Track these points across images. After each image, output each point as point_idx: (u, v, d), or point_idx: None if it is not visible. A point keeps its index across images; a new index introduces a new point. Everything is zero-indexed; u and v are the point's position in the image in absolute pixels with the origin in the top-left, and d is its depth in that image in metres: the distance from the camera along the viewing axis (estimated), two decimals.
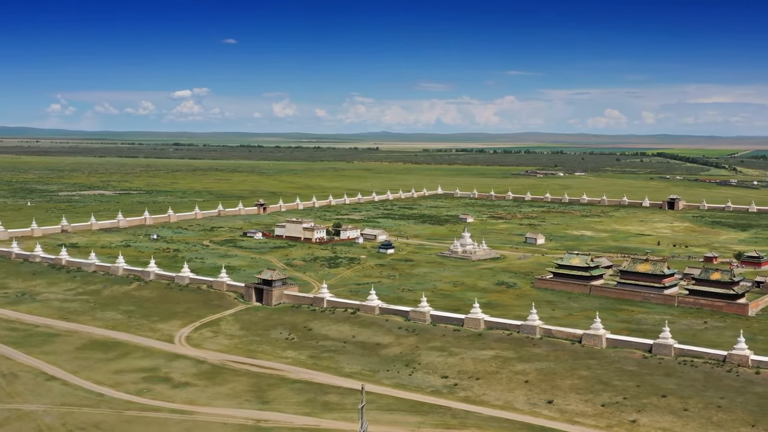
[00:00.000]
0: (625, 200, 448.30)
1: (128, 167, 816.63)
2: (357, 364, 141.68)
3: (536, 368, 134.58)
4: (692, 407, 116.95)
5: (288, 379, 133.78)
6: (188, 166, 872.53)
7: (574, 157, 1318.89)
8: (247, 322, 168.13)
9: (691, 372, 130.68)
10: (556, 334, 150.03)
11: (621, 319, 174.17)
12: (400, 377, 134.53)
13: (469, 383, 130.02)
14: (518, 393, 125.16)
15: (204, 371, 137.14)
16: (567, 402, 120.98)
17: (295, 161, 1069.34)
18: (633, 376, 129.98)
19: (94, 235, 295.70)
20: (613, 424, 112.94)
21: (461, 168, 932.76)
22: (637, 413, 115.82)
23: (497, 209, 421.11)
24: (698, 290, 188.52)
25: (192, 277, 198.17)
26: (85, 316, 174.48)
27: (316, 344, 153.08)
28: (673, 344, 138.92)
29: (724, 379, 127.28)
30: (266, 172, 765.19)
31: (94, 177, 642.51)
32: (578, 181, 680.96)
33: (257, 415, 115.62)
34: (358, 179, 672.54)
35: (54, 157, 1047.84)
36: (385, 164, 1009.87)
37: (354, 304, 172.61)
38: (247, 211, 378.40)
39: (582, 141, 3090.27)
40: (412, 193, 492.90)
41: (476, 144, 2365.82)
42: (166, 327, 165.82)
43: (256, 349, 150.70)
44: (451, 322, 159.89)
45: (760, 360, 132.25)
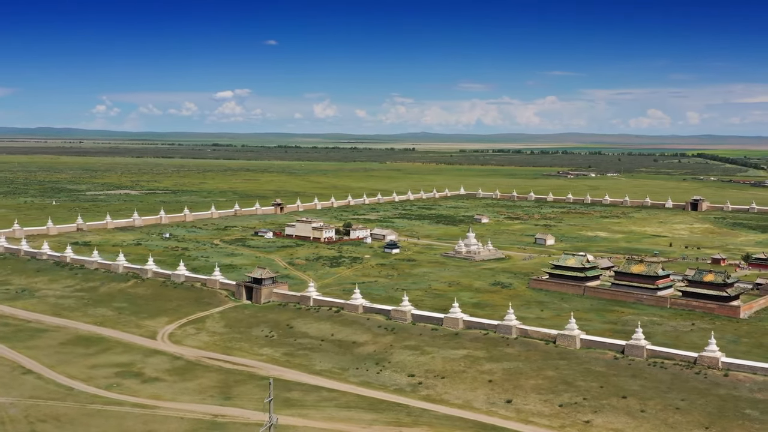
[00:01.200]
0: (647, 201, 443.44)
1: (161, 167, 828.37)
2: (329, 361, 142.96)
3: (504, 368, 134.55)
4: (650, 409, 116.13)
5: (257, 375, 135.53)
6: (220, 166, 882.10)
7: (611, 158, 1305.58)
8: (232, 320, 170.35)
9: (658, 373, 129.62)
10: (532, 334, 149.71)
11: (608, 321, 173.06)
12: (368, 375, 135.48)
13: (433, 382, 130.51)
14: (480, 392, 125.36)
15: (177, 367, 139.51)
16: (526, 402, 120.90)
17: (329, 161, 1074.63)
18: (599, 376, 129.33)
19: (108, 233, 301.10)
20: (566, 425, 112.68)
21: (493, 169, 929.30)
22: (593, 414, 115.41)
23: (516, 210, 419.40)
24: (691, 292, 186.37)
25: (187, 275, 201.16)
26: (77, 312, 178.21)
27: (294, 342, 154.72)
28: (645, 345, 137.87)
29: (691, 381, 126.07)
30: (296, 173, 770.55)
31: (125, 177, 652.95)
32: (608, 182, 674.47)
33: (216, 411, 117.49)
34: (387, 180, 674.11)
35: (91, 158, 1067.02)
36: (417, 165, 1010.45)
37: (338, 302, 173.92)
38: (264, 211, 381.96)
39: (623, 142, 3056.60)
40: (434, 194, 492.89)
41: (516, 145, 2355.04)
42: (152, 324, 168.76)
43: (234, 346, 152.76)
44: (431, 321, 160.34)
45: (730, 362, 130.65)
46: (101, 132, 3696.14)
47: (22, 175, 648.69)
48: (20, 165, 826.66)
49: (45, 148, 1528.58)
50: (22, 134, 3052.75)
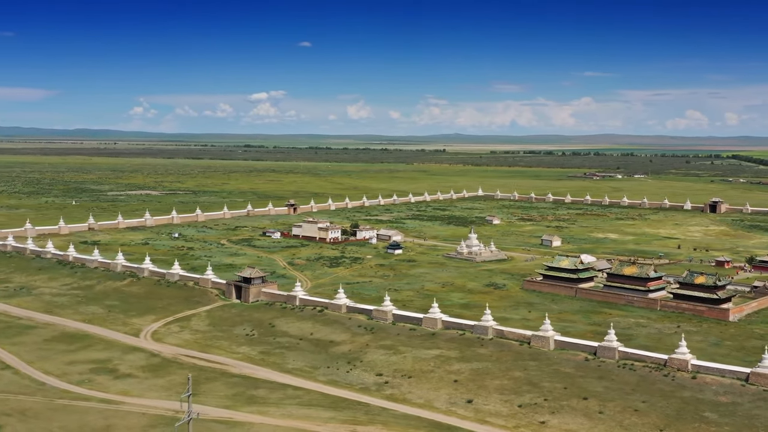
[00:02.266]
0: (666, 203, 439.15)
1: (188, 168, 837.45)
2: (302, 360, 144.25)
3: (472, 368, 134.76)
4: (609, 410, 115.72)
5: (228, 373, 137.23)
6: (247, 167, 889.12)
7: (643, 160, 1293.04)
8: (217, 318, 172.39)
9: (626, 375, 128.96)
10: (507, 335, 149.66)
11: (593, 322, 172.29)
12: (337, 374, 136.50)
13: (399, 381, 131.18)
14: (443, 392, 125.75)
15: (152, 364, 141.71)
16: (486, 402, 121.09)
17: (356, 163, 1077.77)
18: (565, 378, 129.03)
19: (119, 233, 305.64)
20: (521, 425, 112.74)
21: (520, 170, 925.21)
22: (550, 414, 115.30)
23: (532, 211, 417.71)
24: (681, 294, 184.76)
25: (181, 273, 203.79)
26: (69, 309, 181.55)
27: (273, 341, 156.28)
28: (617, 347, 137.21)
29: (657, 383, 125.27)
30: (321, 174, 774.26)
31: (150, 178, 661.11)
32: (632, 184, 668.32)
33: (179, 407, 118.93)
34: (409, 181, 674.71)
35: (122, 159, 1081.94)
36: (444, 166, 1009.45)
37: (323, 302, 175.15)
38: (277, 212, 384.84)
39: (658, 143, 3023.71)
40: (451, 195, 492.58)
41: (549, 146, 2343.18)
42: (139, 321, 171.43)
43: (213, 345, 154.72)
44: (411, 321, 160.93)
45: (700, 365, 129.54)
46: (138, 133, 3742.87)
47: (50, 176, 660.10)
48: (51, 166, 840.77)
49: (80, 149, 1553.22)
50: (61, 135, 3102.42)
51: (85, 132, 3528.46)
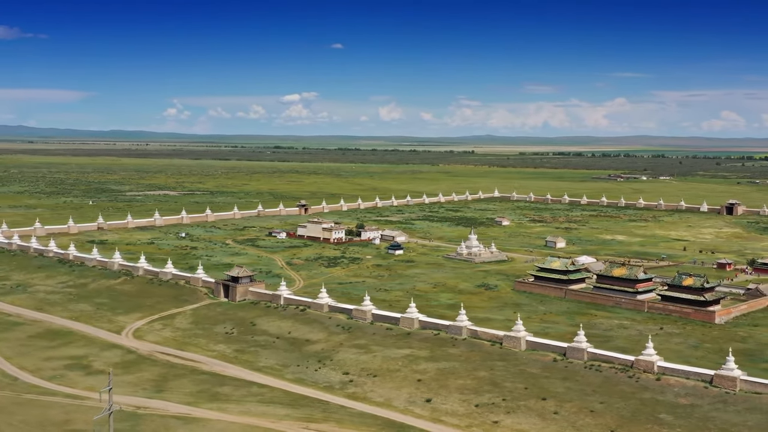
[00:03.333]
0: (682, 205, 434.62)
1: (213, 169, 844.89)
2: (274, 358, 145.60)
3: (438, 368, 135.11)
4: (565, 411, 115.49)
5: (198, 370, 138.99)
6: (271, 168, 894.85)
7: (673, 161, 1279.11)
8: (201, 317, 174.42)
9: (590, 376, 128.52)
10: (481, 335, 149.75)
11: (576, 324, 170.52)
12: (305, 372, 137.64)
13: (364, 380, 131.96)
14: (404, 391, 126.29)
15: (126, 360, 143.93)
16: (444, 401, 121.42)
17: (383, 164, 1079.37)
18: (529, 378, 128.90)
19: (127, 232, 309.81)
20: (474, 424, 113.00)
21: (544, 171, 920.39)
22: (505, 414, 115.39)
23: (545, 212, 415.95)
24: (669, 296, 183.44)
25: (174, 272, 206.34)
26: (59, 307, 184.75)
27: (250, 339, 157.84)
28: (586, 348, 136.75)
29: (620, 384, 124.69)
30: (343, 175, 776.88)
31: (173, 178, 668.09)
32: (655, 186, 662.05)
33: (142, 402, 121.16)
34: (430, 182, 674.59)
35: (150, 159, 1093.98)
36: (469, 167, 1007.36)
37: (306, 301, 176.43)
38: (288, 212, 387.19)
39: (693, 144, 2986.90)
40: (466, 196, 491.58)
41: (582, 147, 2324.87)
42: (124, 319, 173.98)
43: (190, 342, 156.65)
44: (389, 321, 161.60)
45: (666, 366, 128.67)
46: (171, 134, 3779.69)
47: (74, 176, 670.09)
48: (78, 166, 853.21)
49: (111, 150, 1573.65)
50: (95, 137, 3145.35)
51: (119, 133, 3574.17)
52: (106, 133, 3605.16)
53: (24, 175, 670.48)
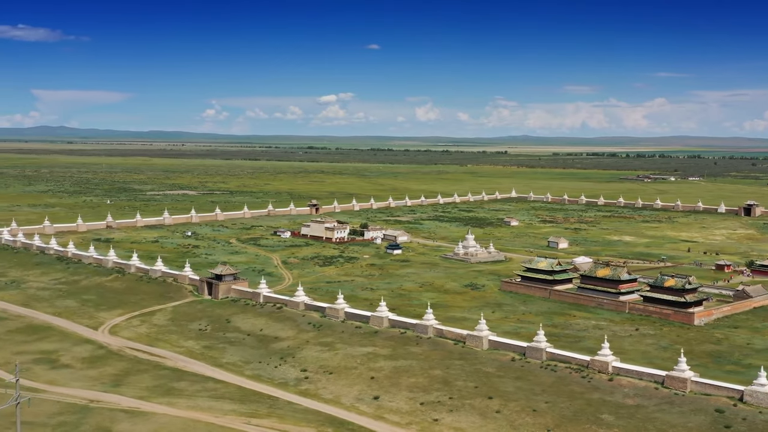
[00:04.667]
0: (699, 206, 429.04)
1: (240, 169, 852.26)
2: (239, 355, 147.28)
3: (395, 366, 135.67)
4: (507, 410, 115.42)
5: (161, 365, 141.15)
6: (299, 168, 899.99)
7: (707, 162, 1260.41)
8: (180, 314, 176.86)
9: (544, 376, 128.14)
10: (446, 334, 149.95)
11: (553, 324, 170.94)
12: (264, 369, 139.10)
13: (319, 377, 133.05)
14: (355, 388, 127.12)
15: (94, 356, 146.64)
16: (392, 399, 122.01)
17: (413, 164, 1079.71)
18: (482, 377, 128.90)
19: (135, 231, 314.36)
20: (414, 422, 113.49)
21: (572, 172, 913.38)
22: (447, 413, 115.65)
23: (560, 213, 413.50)
24: (650, 297, 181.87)
25: (163, 270, 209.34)
26: (45, 303, 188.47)
27: (221, 336, 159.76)
28: (545, 348, 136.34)
29: (572, 384, 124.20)
30: (367, 175, 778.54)
31: (198, 178, 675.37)
32: (682, 187, 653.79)
33: (96, 396, 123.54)
34: (452, 182, 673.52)
35: (180, 159, 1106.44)
36: (498, 168, 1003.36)
37: (283, 299, 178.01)
38: (298, 211, 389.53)
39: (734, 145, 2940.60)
40: (482, 197, 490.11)
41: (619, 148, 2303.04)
42: (105, 315, 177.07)
43: (162, 338, 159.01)
44: (360, 319, 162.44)
45: (620, 367, 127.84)
46: (209, 135, 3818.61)
47: (101, 176, 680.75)
48: (108, 166, 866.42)
49: (147, 150, 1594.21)
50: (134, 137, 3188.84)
51: (158, 134, 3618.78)
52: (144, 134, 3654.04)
53: (53, 175, 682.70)
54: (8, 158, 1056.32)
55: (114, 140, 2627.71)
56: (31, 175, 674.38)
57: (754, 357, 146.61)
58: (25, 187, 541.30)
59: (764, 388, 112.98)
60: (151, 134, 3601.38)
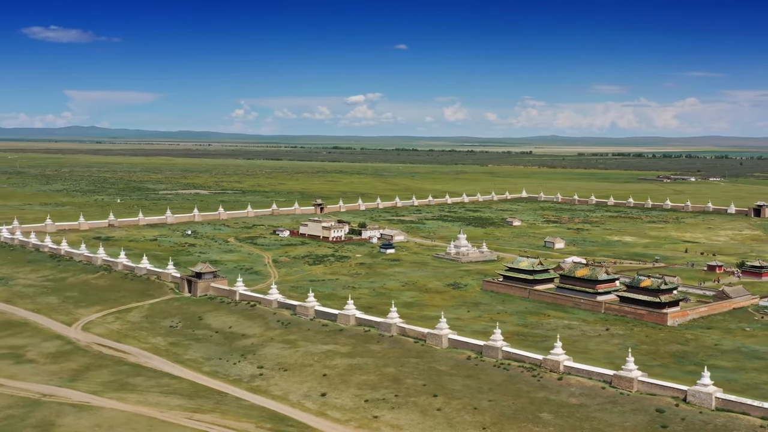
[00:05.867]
0: (709, 206, 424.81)
1: (259, 169, 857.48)
2: (202, 352, 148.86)
3: (350, 363, 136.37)
4: (448, 408, 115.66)
5: (123, 361, 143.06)
6: (319, 168, 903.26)
7: (733, 162, 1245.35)
8: (156, 311, 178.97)
9: (495, 374, 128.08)
10: (408, 332, 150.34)
11: (525, 323, 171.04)
12: (223, 365, 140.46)
13: (274, 374, 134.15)
14: (306, 385, 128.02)
15: (60, 351, 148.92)
16: (338, 396, 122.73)
17: (435, 164, 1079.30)
18: (434, 375, 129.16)
19: (136, 229, 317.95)
20: (354, 419, 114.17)
21: (592, 172, 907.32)
22: (389, 410, 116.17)
23: (567, 213, 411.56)
24: (627, 297, 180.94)
25: (149, 268, 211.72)
26: (27, 299, 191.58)
27: (190, 333, 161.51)
28: (501, 347, 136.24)
29: (520, 383, 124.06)
30: (384, 175, 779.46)
31: (215, 178, 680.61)
32: (699, 187, 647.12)
33: (51, 390, 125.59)
34: (468, 182, 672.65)
35: (202, 159, 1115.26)
36: (518, 168, 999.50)
37: (257, 297, 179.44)
38: (303, 211, 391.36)
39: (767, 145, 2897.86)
40: (491, 196, 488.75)
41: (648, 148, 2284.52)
42: (83, 312, 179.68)
43: (132, 335, 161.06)
44: (329, 317, 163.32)
45: (572, 366, 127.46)
46: (238, 135, 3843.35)
47: (118, 175, 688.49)
48: (129, 165, 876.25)
49: (174, 150, 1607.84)
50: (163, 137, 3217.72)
51: (187, 134, 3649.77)
52: (174, 134, 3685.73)
53: (72, 175, 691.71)
54: (33, 158, 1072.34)
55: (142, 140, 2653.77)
56: (50, 175, 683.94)
57: (719, 358, 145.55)
58: (41, 186, 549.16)
59: (707, 389, 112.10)
60: (180, 134, 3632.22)
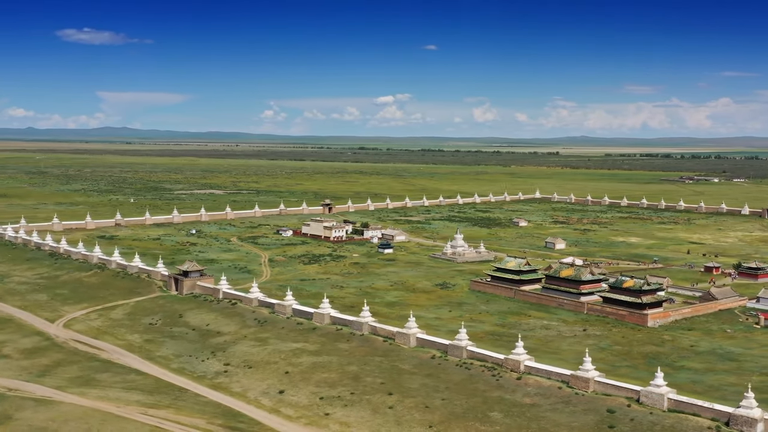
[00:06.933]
0: (723, 207, 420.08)
1: (279, 169, 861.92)
2: (174, 349, 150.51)
3: (314, 361, 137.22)
4: (401, 406, 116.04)
5: (95, 357, 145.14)
6: (339, 168, 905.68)
7: (764, 163, 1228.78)
8: (139, 308, 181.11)
9: (455, 373, 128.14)
10: (379, 331, 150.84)
11: (504, 323, 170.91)
12: (191, 362, 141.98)
13: (238, 371, 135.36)
14: (266, 383, 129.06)
15: (36, 347, 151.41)
16: (296, 394, 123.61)
17: (458, 164, 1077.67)
18: (394, 374, 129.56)
19: (141, 229, 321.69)
20: (305, 415, 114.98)
21: (615, 173, 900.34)
22: (342, 408, 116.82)
23: (576, 214, 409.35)
24: (609, 298, 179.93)
25: (140, 266, 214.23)
26: (17, 296, 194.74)
27: (167, 330, 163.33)
28: (465, 346, 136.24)
29: (478, 383, 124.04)
30: (404, 175, 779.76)
31: (233, 178, 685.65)
32: (721, 188, 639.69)
33: (18, 385, 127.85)
34: (486, 182, 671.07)
35: (225, 160, 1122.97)
36: (541, 169, 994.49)
37: (238, 295, 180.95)
38: (310, 211, 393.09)
39: None
40: (504, 197, 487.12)
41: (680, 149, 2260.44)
42: (68, 309, 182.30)
43: (110, 332, 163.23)
44: (305, 316, 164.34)
45: (532, 366, 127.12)
46: (267, 136, 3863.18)
47: (138, 175, 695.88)
48: (152, 166, 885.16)
49: (201, 150, 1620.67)
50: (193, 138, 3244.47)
51: (216, 135, 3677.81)
52: (203, 135, 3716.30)
53: (94, 175, 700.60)
54: (59, 158, 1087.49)
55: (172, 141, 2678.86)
56: (72, 175, 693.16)
57: (691, 359, 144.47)
58: (61, 186, 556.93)
59: (659, 389, 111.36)
60: (210, 135, 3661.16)
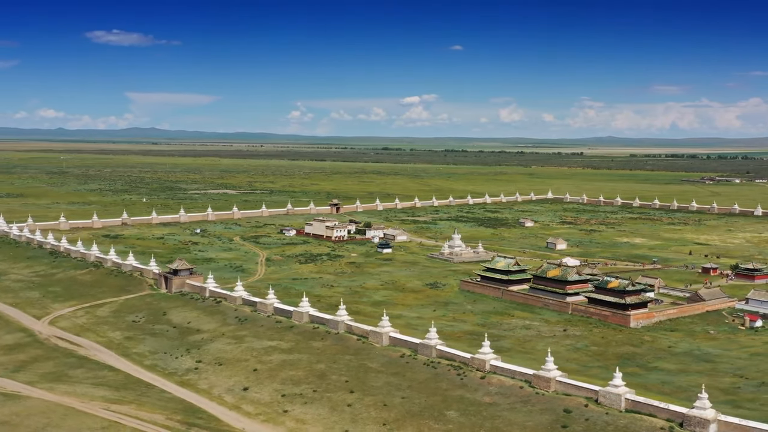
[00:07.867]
0: (735, 208, 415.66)
1: (297, 169, 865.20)
2: (152, 346, 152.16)
3: (284, 359, 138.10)
4: (360, 404, 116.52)
5: (72, 354, 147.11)
6: (357, 168, 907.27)
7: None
8: (126, 306, 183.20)
9: (421, 372, 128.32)
10: (355, 330, 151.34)
11: (485, 323, 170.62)
12: (164, 359, 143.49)
13: (208, 368, 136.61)
14: (234, 380, 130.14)
15: (18, 343, 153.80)
16: (259, 391, 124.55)
17: (479, 165, 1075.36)
18: (361, 372, 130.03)
19: (147, 228, 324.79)
20: (264, 413, 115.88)
21: (635, 173, 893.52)
22: (301, 405, 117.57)
23: (586, 214, 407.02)
24: (594, 298, 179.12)
25: (134, 265, 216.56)
26: (11, 294, 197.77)
27: (149, 327, 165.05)
28: (435, 345, 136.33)
29: (441, 382, 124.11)
30: (421, 176, 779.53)
31: (250, 178, 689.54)
32: (741, 189, 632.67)
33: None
34: (503, 183, 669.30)
35: (245, 160, 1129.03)
36: (562, 169, 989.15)
37: (223, 293, 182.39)
38: (318, 210, 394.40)
39: None
40: (516, 197, 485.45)
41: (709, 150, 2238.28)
42: (57, 307, 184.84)
43: (93, 329, 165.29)
44: (285, 314, 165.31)
45: (497, 365, 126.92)
46: (294, 136, 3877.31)
47: (156, 176, 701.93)
48: (172, 166, 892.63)
49: (225, 151, 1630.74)
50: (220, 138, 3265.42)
51: (243, 135, 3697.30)
52: (230, 135, 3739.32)
53: (113, 175, 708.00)
54: (83, 158, 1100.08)
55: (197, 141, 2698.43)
56: (91, 175, 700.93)
57: (667, 360, 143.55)
58: (78, 186, 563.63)
59: (617, 390, 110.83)
60: (237, 135, 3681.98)
